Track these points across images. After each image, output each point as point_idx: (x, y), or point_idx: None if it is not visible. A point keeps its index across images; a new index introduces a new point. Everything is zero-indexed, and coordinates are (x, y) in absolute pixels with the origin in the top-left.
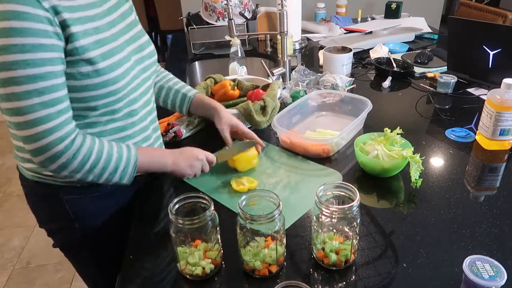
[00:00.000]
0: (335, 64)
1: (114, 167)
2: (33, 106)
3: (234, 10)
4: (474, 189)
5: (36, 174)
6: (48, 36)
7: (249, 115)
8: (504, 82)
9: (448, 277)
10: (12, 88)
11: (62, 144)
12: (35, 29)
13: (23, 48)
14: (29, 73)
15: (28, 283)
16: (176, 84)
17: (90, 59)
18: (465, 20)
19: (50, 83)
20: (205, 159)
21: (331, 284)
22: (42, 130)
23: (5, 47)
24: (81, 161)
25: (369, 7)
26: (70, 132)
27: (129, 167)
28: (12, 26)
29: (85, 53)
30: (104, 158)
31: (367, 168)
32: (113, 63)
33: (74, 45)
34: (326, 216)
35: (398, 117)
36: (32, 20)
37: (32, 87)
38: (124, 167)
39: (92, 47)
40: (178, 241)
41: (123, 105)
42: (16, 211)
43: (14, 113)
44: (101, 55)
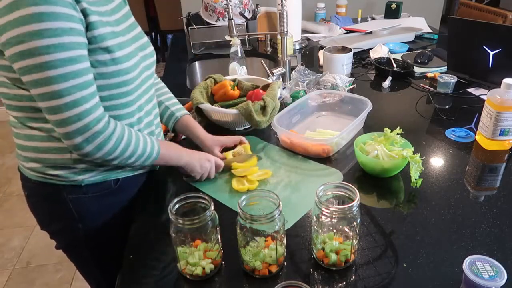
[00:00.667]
0: (335, 64)
1: (141, 151)
2: (69, 88)
3: (234, 10)
4: (474, 189)
5: (39, 174)
6: (75, 21)
7: (249, 115)
8: (504, 82)
9: (448, 277)
10: (47, 72)
11: (99, 124)
12: (65, 14)
13: (56, 32)
14: (63, 56)
15: (28, 283)
16: (167, 100)
17: (107, 48)
18: (465, 20)
19: (82, 66)
20: (215, 163)
21: (331, 284)
22: (80, 111)
23: (38, 32)
24: (115, 143)
25: (369, 7)
26: (104, 114)
27: (153, 152)
28: (42, 10)
29: (104, 41)
30: (134, 143)
31: (367, 168)
32: (127, 53)
33: (93, 33)
34: (326, 216)
35: (398, 117)
36: (60, 4)
37: (67, 70)
38: (149, 153)
39: (109, 36)
40: (178, 241)
41: (132, 99)
42: (16, 211)
43: (50, 97)
44: (117, 45)
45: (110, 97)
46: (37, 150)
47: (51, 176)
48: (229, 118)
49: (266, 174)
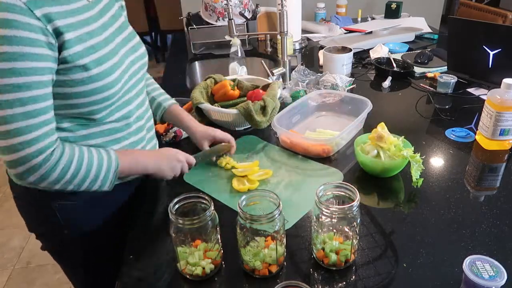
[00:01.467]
0: (335, 64)
1: (94, 175)
2: (14, 116)
3: (234, 10)
4: (474, 189)
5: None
6: (38, 46)
7: (249, 115)
8: (504, 82)
9: (448, 277)
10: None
11: (40, 156)
12: (25, 38)
13: (12, 56)
14: (13, 82)
15: (28, 283)
16: (154, 91)
17: (83, 65)
18: (465, 20)
19: (35, 93)
20: (185, 161)
21: (331, 284)
22: (21, 141)
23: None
24: (60, 173)
25: (369, 7)
26: (50, 144)
27: (109, 174)
28: (2, 34)
29: (79, 59)
30: (84, 168)
31: (367, 168)
32: (106, 68)
33: (68, 52)
34: (326, 216)
35: (398, 117)
36: (23, 28)
37: (15, 96)
38: (104, 174)
39: (86, 53)
40: (178, 241)
41: (117, 108)
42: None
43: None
44: (94, 61)
45: (91, 112)
46: None
47: None
48: (229, 118)
49: (267, 174)
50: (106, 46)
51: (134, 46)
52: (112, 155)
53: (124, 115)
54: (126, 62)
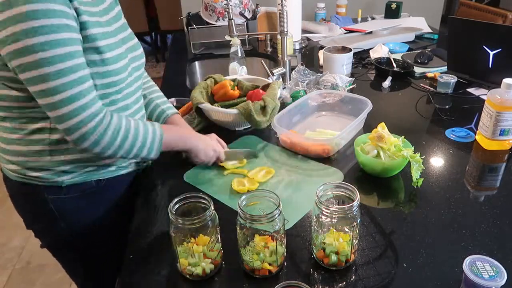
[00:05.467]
0: (335, 64)
1: (142, 141)
2: (66, 84)
3: (234, 10)
4: (474, 189)
5: (20, 175)
6: (70, 18)
7: (249, 115)
8: (504, 82)
9: (448, 277)
10: (44, 69)
11: (94, 120)
12: (60, 10)
13: (51, 29)
14: (60, 52)
15: (28, 283)
16: (158, 98)
17: (98, 48)
18: (465, 20)
19: (79, 61)
20: (218, 154)
21: (331, 284)
22: (75, 107)
23: (32, 30)
24: (111, 136)
25: (369, 7)
26: (101, 109)
27: (155, 142)
28: (37, 8)
29: (95, 41)
30: (132, 134)
31: (367, 168)
32: (116, 55)
33: (86, 33)
34: (326, 216)
35: (398, 117)
36: (54, 2)
37: (64, 66)
38: (151, 142)
39: (100, 37)
40: (178, 241)
41: (120, 98)
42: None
43: (48, 93)
44: (107, 46)
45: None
46: (16, 154)
47: (31, 177)
48: (229, 118)
49: (269, 173)
50: (114, 37)
51: (134, 45)
52: (156, 125)
53: (122, 107)
54: (129, 57)
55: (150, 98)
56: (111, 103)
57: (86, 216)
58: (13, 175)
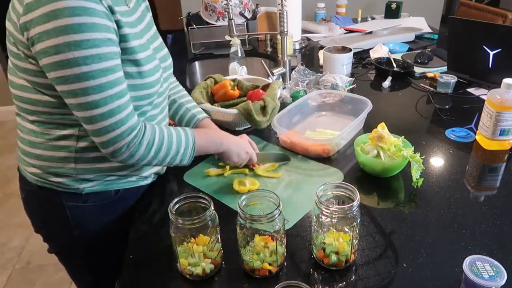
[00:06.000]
0: (335, 64)
1: (175, 150)
2: (106, 98)
3: (234, 10)
4: (474, 189)
5: (40, 179)
6: (111, 32)
7: (249, 115)
8: (504, 82)
9: (448, 277)
10: (85, 83)
11: (131, 135)
12: (102, 24)
13: (94, 43)
14: (101, 67)
15: (28, 283)
16: (188, 102)
17: (137, 61)
18: (465, 20)
19: (118, 75)
20: (251, 156)
21: (331, 284)
22: (115, 121)
23: (76, 43)
24: (145, 149)
25: (369, 7)
26: (138, 122)
27: (188, 149)
28: (81, 21)
29: (134, 54)
30: (166, 144)
31: (367, 168)
32: (152, 67)
33: (126, 45)
34: (326, 216)
35: (398, 117)
36: (98, 15)
37: (104, 80)
38: (184, 149)
39: (139, 49)
40: (178, 241)
41: (149, 109)
42: (16, 211)
43: (88, 107)
44: (145, 58)
45: None
46: (40, 158)
47: (52, 182)
48: (229, 118)
49: (275, 175)
50: (149, 48)
51: (164, 55)
52: (188, 131)
53: (148, 117)
54: (161, 67)
55: (180, 103)
56: (140, 114)
57: (100, 224)
58: (32, 178)
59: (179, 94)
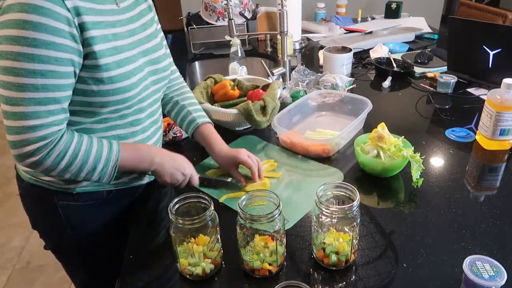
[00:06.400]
0: (335, 64)
1: (91, 166)
2: (24, 99)
3: (234, 10)
4: (474, 189)
5: (32, 177)
6: (61, 36)
7: (249, 115)
8: (504, 82)
9: (448, 277)
10: (9, 78)
11: (40, 142)
12: (50, 26)
13: (33, 42)
14: (30, 67)
15: (28, 283)
16: (190, 105)
17: (105, 65)
18: (465, 20)
19: (48, 82)
20: (189, 176)
21: (331, 284)
22: (25, 125)
23: (16, 38)
24: (54, 159)
25: (369, 7)
26: (51, 134)
27: (108, 167)
28: (28, 19)
29: (101, 58)
30: (80, 158)
31: (367, 168)
32: (126, 71)
33: (91, 49)
34: (326, 216)
35: (398, 117)
36: (49, 16)
37: (28, 81)
38: (103, 166)
39: (109, 53)
40: (178, 241)
41: (129, 113)
42: (16, 211)
43: (5, 101)
44: (116, 62)
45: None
46: None
47: (43, 181)
48: (229, 118)
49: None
50: (130, 50)
51: (158, 57)
52: (114, 147)
53: (132, 121)
54: (146, 70)
55: (182, 105)
56: (121, 117)
57: (94, 223)
58: (26, 176)
59: (183, 96)
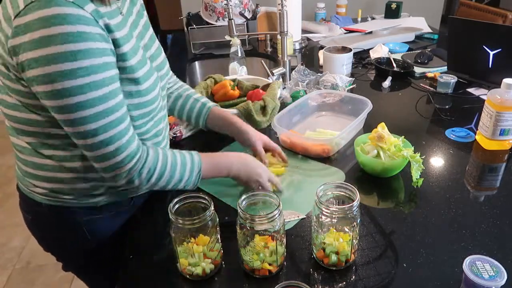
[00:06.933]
0: (335, 64)
1: (179, 178)
2: (105, 126)
3: (234, 10)
4: (474, 189)
5: (52, 199)
6: (107, 54)
7: (249, 115)
8: (504, 82)
9: (448, 277)
10: (82, 112)
11: (131, 162)
12: (97, 49)
13: (89, 71)
14: (99, 94)
15: (28, 283)
16: (194, 94)
17: (136, 79)
18: (465, 20)
19: (117, 100)
20: (266, 182)
21: (331, 284)
22: (114, 148)
23: (72, 72)
24: (146, 177)
25: (369, 7)
26: (137, 149)
27: (192, 177)
28: (74, 49)
29: (133, 72)
30: (168, 172)
31: (367, 168)
32: (152, 83)
33: (125, 64)
34: (326, 216)
35: (398, 117)
36: (93, 39)
37: (102, 108)
38: (188, 177)
39: (138, 66)
40: (178, 241)
41: (153, 124)
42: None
43: (86, 136)
44: (143, 76)
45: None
46: (48, 180)
47: (64, 199)
48: None
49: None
50: (146, 62)
51: (160, 63)
52: (195, 158)
53: (156, 133)
54: (159, 80)
55: (186, 95)
56: (146, 131)
57: (113, 231)
58: (43, 198)
59: (184, 88)
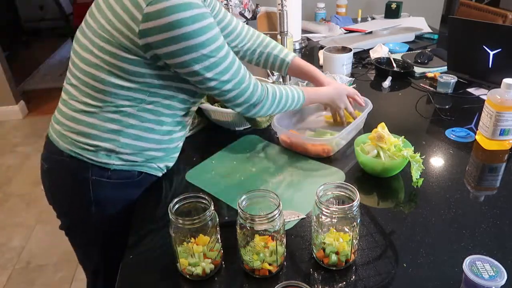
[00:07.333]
0: (335, 64)
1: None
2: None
3: (234, 10)
4: (474, 189)
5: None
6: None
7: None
8: (504, 82)
9: (448, 277)
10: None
11: (259, 88)
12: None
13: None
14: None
15: (28, 283)
16: (273, 49)
17: None
18: (465, 20)
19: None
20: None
21: (331, 284)
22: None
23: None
24: (271, 100)
25: (369, 7)
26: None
27: (300, 97)
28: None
29: None
30: (284, 96)
31: (367, 168)
32: None
33: None
34: (326, 216)
35: (398, 117)
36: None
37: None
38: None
39: None
40: (178, 241)
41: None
42: (17, 211)
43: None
44: None
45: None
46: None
47: (83, 155)
48: (229, 118)
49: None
50: None
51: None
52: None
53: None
54: None
55: (267, 52)
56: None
57: (117, 204)
58: (66, 148)
59: (264, 44)
